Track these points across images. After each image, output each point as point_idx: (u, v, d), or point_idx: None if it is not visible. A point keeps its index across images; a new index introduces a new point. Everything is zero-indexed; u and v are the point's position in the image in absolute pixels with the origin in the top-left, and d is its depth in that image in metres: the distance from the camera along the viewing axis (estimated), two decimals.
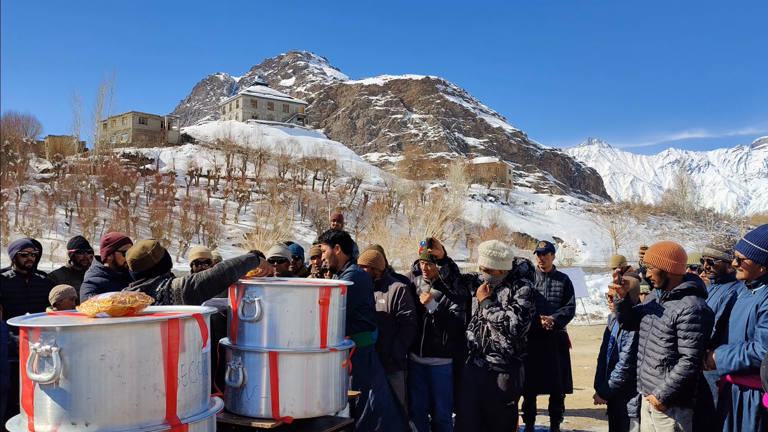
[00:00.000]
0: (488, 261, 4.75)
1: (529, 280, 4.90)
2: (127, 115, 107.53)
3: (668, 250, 4.27)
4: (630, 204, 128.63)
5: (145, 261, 4.01)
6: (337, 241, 5.08)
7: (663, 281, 4.27)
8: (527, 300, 4.66)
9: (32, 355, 2.53)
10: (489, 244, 4.82)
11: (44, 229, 69.75)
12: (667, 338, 4.17)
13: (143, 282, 3.98)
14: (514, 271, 4.78)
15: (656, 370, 4.22)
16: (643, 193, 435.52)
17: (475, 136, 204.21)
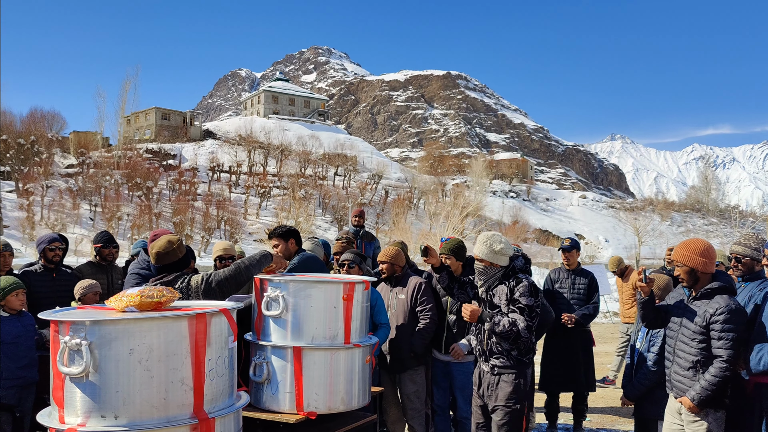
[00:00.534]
0: (483, 250, 4.52)
1: (526, 275, 4.63)
2: (150, 111, 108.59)
3: (698, 248, 4.16)
4: (653, 200, 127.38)
5: (169, 255, 4.10)
6: (291, 235, 5.35)
7: (692, 280, 4.17)
8: (529, 297, 4.41)
9: (62, 348, 2.57)
10: (488, 234, 4.66)
11: (69, 224, 70.77)
12: (699, 339, 4.06)
13: (163, 278, 4.05)
14: (509, 267, 4.54)
15: (689, 372, 4.11)
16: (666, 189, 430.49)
17: (497, 131, 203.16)
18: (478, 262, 4.57)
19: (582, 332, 6.89)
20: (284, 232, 5.37)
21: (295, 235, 5.40)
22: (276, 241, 5.34)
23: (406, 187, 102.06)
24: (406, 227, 66.21)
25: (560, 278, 7.13)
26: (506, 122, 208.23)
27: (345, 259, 5.51)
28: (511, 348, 4.47)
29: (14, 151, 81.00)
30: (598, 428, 7.27)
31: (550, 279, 7.19)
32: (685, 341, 4.15)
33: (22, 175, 77.06)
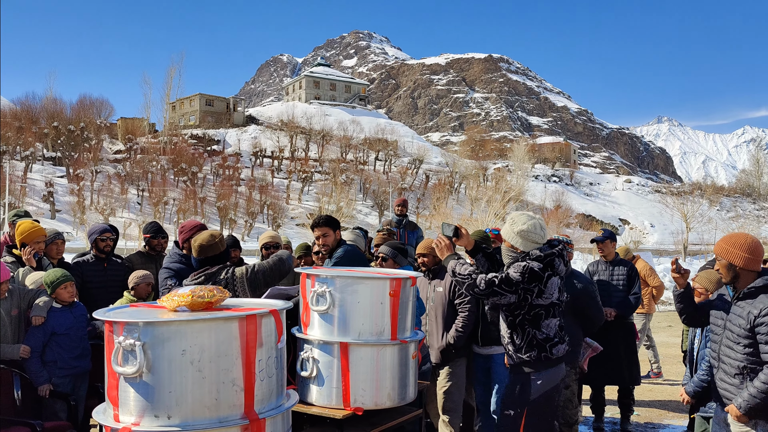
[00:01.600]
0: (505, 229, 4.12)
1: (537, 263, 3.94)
2: (195, 97, 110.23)
3: (741, 242, 3.81)
4: (702, 185, 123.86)
5: (212, 248, 4.22)
6: (337, 225, 5.34)
7: (731, 276, 3.83)
8: (520, 274, 3.85)
9: (117, 348, 2.61)
10: (517, 213, 4.17)
11: (117, 209, 72.57)
12: (744, 343, 3.74)
13: (207, 270, 4.15)
14: (527, 254, 4.01)
15: (735, 379, 3.81)
16: (715, 173, 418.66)
17: (539, 115, 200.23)
18: (503, 244, 4.18)
19: (624, 325, 6.72)
20: (331, 220, 5.33)
21: (339, 226, 5.41)
22: (323, 230, 5.27)
23: (447, 172, 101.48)
24: (447, 212, 65.96)
25: (598, 270, 6.98)
26: (549, 105, 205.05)
27: (380, 252, 5.48)
28: (510, 341, 4.05)
29: (65, 138, 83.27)
30: (646, 422, 7.14)
31: (588, 272, 7.03)
32: (730, 345, 3.83)
33: (72, 161, 79.24)
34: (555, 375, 4.06)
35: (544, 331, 3.97)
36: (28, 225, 5.72)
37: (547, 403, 4.03)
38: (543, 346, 3.96)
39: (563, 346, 4.05)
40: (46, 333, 4.94)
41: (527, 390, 3.97)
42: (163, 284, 5.17)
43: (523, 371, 4.01)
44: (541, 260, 3.94)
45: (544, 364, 3.98)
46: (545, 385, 4.00)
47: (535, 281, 3.91)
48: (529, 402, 3.98)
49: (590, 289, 5.41)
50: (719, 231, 68.67)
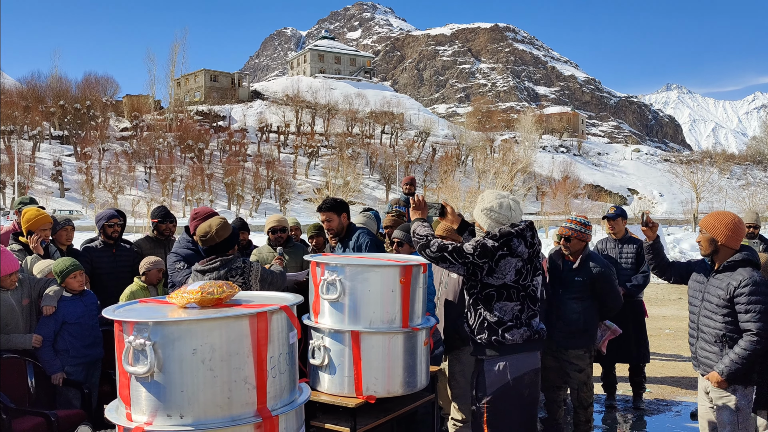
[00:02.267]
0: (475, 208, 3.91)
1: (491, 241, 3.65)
2: (199, 73, 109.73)
3: (726, 220, 4.07)
4: (711, 153, 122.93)
5: (208, 239, 4.21)
6: (343, 208, 5.22)
7: (712, 250, 4.08)
8: (473, 249, 3.60)
9: (127, 348, 2.58)
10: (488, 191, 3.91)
11: (125, 186, 72.83)
12: (723, 312, 3.98)
13: (214, 259, 4.21)
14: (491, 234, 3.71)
15: (715, 347, 4.04)
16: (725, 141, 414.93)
17: (546, 84, 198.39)
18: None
19: (632, 303, 6.67)
20: (337, 205, 5.26)
21: (346, 209, 5.32)
22: (327, 215, 5.25)
23: (454, 144, 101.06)
24: (455, 185, 65.76)
25: (607, 248, 6.90)
26: (556, 74, 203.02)
27: (395, 237, 5.37)
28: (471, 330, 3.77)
29: (71, 116, 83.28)
30: (658, 399, 7.13)
31: (597, 249, 6.95)
32: (709, 316, 4.08)
33: (79, 139, 79.35)
34: (515, 364, 3.65)
35: (497, 314, 3.66)
36: (34, 212, 5.70)
37: (507, 399, 3.63)
38: (494, 329, 3.64)
39: (521, 330, 3.65)
40: (57, 322, 4.94)
41: (482, 381, 3.68)
42: (172, 267, 5.16)
43: (478, 357, 3.75)
44: (496, 239, 3.65)
45: (496, 347, 3.65)
46: (501, 376, 3.64)
47: (485, 258, 3.62)
48: (486, 396, 3.65)
49: (607, 274, 5.32)
50: (730, 200, 68.32)
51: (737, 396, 3.96)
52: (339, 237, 5.37)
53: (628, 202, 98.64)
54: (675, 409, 6.76)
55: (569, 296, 5.32)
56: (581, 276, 5.28)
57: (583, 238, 5.34)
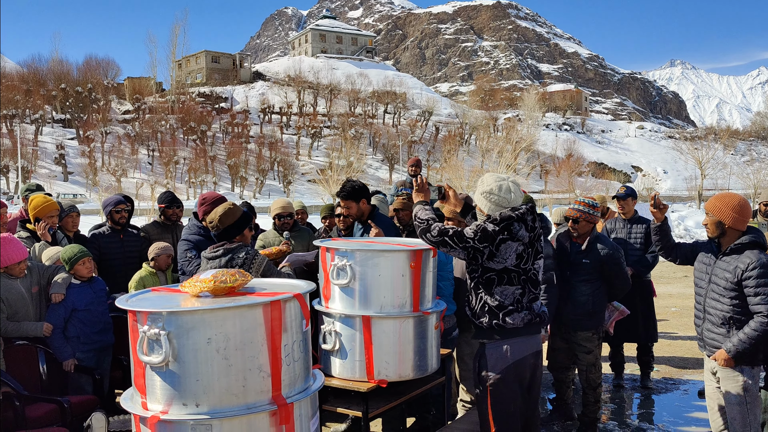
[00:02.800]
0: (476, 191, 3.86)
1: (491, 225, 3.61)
2: (200, 55, 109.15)
3: (733, 202, 4.04)
4: (716, 129, 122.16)
5: (213, 227, 4.18)
6: (362, 194, 5.07)
7: (719, 233, 4.08)
8: (473, 233, 3.56)
9: (141, 337, 2.58)
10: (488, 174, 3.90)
11: (129, 169, 72.80)
12: (731, 295, 3.99)
13: (225, 244, 4.14)
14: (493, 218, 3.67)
15: (722, 329, 4.07)
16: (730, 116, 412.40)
17: (549, 62, 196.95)
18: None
19: (641, 283, 6.66)
20: (354, 191, 5.06)
21: (366, 194, 5.10)
22: (346, 203, 5.08)
23: (457, 123, 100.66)
24: (458, 164, 65.54)
25: (616, 228, 6.87)
26: (559, 52, 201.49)
27: None
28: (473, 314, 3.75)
29: (73, 99, 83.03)
30: (665, 378, 7.16)
31: (606, 229, 6.93)
32: (716, 298, 4.09)
33: (82, 123, 79.19)
34: (515, 348, 3.64)
35: (498, 298, 3.63)
36: (41, 199, 5.69)
37: (507, 382, 3.62)
38: (495, 313, 3.61)
39: (521, 314, 3.63)
40: (67, 309, 4.96)
41: (484, 365, 3.67)
42: (183, 256, 5.13)
43: (479, 341, 3.74)
44: (496, 222, 3.62)
45: (497, 331, 3.63)
46: (502, 360, 3.62)
47: (486, 242, 3.58)
48: (489, 377, 3.63)
49: (616, 256, 5.29)
50: (734, 176, 67.99)
51: (744, 376, 3.98)
52: (360, 222, 5.26)
53: (632, 179, 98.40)
54: (683, 388, 6.79)
55: (577, 279, 5.31)
56: (589, 258, 5.26)
57: (591, 220, 5.31)
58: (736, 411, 3.98)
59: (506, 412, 3.62)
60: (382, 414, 4.23)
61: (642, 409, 6.22)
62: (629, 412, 6.17)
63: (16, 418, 4.29)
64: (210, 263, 4.15)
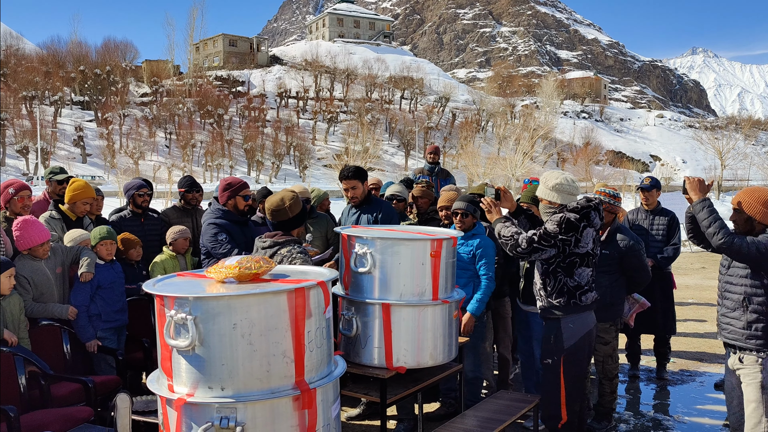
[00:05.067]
0: (540, 188, 4.23)
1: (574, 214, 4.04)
2: (218, 38, 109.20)
3: (762, 196, 3.89)
4: (737, 118, 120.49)
5: (280, 212, 4.01)
6: (366, 176, 5.27)
7: (748, 228, 3.92)
8: (557, 226, 3.97)
9: (168, 321, 2.63)
10: (547, 172, 4.33)
11: (146, 152, 73.23)
12: (747, 274, 3.88)
13: (276, 236, 4.00)
14: (565, 206, 4.14)
15: (735, 313, 3.95)
16: (752, 106, 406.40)
17: (568, 48, 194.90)
18: (541, 203, 4.30)
19: (662, 275, 6.62)
20: (359, 171, 5.28)
21: (366, 176, 5.37)
22: (352, 182, 5.27)
23: (474, 110, 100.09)
24: (474, 151, 65.41)
25: (638, 218, 6.83)
26: (578, 38, 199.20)
27: (457, 208, 5.13)
28: (548, 294, 4.13)
29: (92, 81, 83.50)
30: (681, 369, 7.15)
31: (627, 220, 6.88)
32: (733, 282, 3.98)
33: (100, 105, 79.65)
34: (586, 321, 4.16)
35: (576, 279, 4.09)
36: (82, 184, 5.77)
37: (581, 350, 4.15)
38: (573, 293, 4.08)
39: (593, 294, 4.17)
40: (93, 287, 5.06)
41: (560, 337, 4.11)
42: (213, 239, 5.01)
43: (553, 316, 4.14)
44: (577, 211, 4.06)
45: (573, 309, 4.09)
46: (577, 332, 4.11)
47: (572, 231, 4.01)
48: (564, 349, 4.09)
49: (636, 248, 5.26)
50: (755, 167, 67.15)
51: (763, 374, 3.87)
52: (356, 206, 5.40)
53: (650, 168, 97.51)
54: (699, 380, 6.78)
55: (596, 270, 5.29)
56: (609, 250, 5.24)
57: (612, 210, 5.29)
58: (752, 408, 3.90)
59: (577, 377, 4.17)
60: (401, 399, 4.28)
61: (657, 400, 6.22)
62: (645, 402, 6.18)
63: (42, 396, 4.39)
64: (258, 252, 4.01)
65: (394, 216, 5.36)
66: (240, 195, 5.26)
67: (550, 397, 4.22)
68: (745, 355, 3.91)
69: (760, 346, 3.84)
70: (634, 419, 5.69)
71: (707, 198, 3.98)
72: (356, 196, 5.32)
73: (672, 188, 63.65)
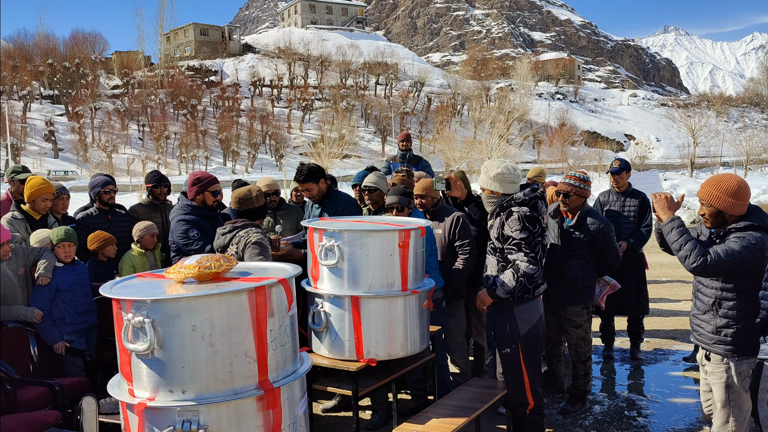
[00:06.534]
0: (482, 178, 4.22)
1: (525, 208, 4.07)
2: (189, 27, 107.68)
3: (729, 187, 3.63)
4: (709, 96, 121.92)
5: (247, 201, 4.38)
6: (320, 175, 5.23)
7: (718, 222, 3.70)
8: (523, 230, 4.01)
9: (126, 325, 2.57)
10: (489, 161, 4.27)
11: (119, 145, 72.23)
12: (722, 280, 3.69)
13: (236, 223, 4.35)
14: (509, 197, 4.13)
15: (706, 316, 3.80)
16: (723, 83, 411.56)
17: (542, 30, 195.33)
18: (482, 193, 4.30)
19: (634, 256, 6.67)
20: (312, 173, 5.21)
21: (322, 173, 5.31)
22: (306, 185, 5.22)
23: (449, 94, 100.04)
24: (450, 135, 65.39)
25: (609, 201, 6.86)
26: (551, 19, 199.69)
27: (391, 203, 5.13)
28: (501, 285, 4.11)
29: (61, 75, 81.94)
30: (655, 349, 7.23)
31: (599, 202, 6.91)
32: (704, 283, 3.81)
33: (70, 99, 78.28)
34: (537, 307, 4.25)
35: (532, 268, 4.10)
36: (39, 180, 5.63)
37: (536, 335, 4.24)
38: (527, 288, 4.10)
39: (544, 286, 4.26)
40: (52, 290, 4.96)
41: (515, 326, 4.18)
42: (184, 236, 4.97)
43: (506, 306, 4.19)
44: (526, 203, 4.08)
45: (525, 299, 4.16)
46: (531, 318, 4.20)
47: (537, 224, 4.08)
48: (520, 337, 4.18)
49: (606, 231, 5.27)
50: (727, 143, 68.04)
51: (728, 374, 3.73)
52: (318, 201, 5.34)
53: (625, 147, 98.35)
54: (672, 359, 6.86)
55: (567, 254, 5.30)
56: (579, 233, 5.25)
57: (582, 194, 5.28)
58: (718, 408, 3.80)
59: (535, 360, 4.26)
60: (373, 392, 4.26)
61: (631, 380, 6.28)
62: (619, 383, 6.24)
63: (8, 401, 4.30)
64: (218, 240, 4.37)
65: (354, 209, 5.32)
66: (209, 190, 5.17)
67: (514, 385, 4.27)
68: (711, 354, 3.81)
69: (728, 352, 3.71)
70: (608, 400, 5.73)
71: (677, 217, 3.74)
72: (313, 196, 5.28)
73: (647, 167, 64.34)
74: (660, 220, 3.83)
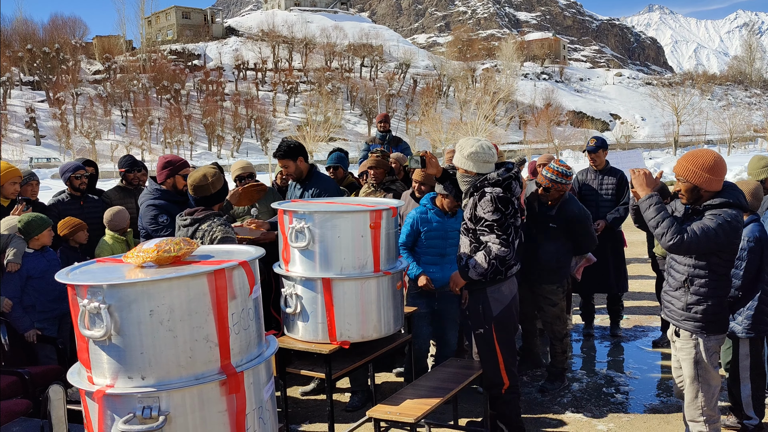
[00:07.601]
0: (455, 156, 4.16)
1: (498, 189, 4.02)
2: (170, 11, 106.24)
3: (705, 162, 3.59)
4: (693, 74, 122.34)
5: (203, 188, 4.00)
6: (299, 152, 5.10)
7: (694, 198, 3.66)
8: (495, 211, 3.96)
9: (82, 311, 2.51)
10: (463, 139, 4.19)
11: (102, 131, 71.38)
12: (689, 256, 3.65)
13: (195, 213, 3.99)
14: (483, 177, 4.07)
15: (677, 292, 3.78)
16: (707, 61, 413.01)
17: (527, 10, 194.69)
18: (457, 172, 4.21)
19: (612, 234, 6.67)
20: (291, 150, 5.06)
21: (303, 152, 5.15)
22: (283, 161, 5.10)
23: (435, 75, 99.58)
24: (436, 117, 65.15)
25: (587, 179, 6.85)
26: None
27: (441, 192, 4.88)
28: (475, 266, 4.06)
29: (41, 60, 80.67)
30: (635, 326, 7.26)
31: (577, 181, 6.89)
32: (676, 259, 3.78)
33: (51, 84, 77.12)
34: (510, 287, 4.23)
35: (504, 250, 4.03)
36: (5, 164, 5.52)
37: (509, 316, 4.23)
38: (499, 270, 4.07)
39: (517, 267, 4.25)
40: (22, 278, 4.86)
41: (488, 306, 4.16)
42: (154, 222, 4.88)
43: (479, 288, 4.17)
44: (500, 184, 4.04)
45: (497, 280, 4.13)
46: (503, 299, 4.18)
47: (509, 205, 4.03)
48: (493, 317, 4.16)
49: (583, 218, 5.25)
50: (710, 121, 68.34)
51: (696, 350, 3.72)
52: (299, 180, 5.24)
53: (611, 127, 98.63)
54: (651, 335, 6.89)
55: (544, 238, 5.29)
56: (558, 221, 5.24)
57: (561, 190, 5.25)
58: (688, 383, 3.80)
59: (509, 341, 4.25)
60: (346, 374, 4.23)
61: (610, 357, 6.31)
62: (598, 360, 6.26)
63: None
64: (180, 231, 4.04)
65: (335, 191, 5.23)
66: (180, 174, 5.06)
67: (489, 365, 4.25)
68: (681, 330, 3.80)
69: (697, 329, 3.70)
70: (587, 377, 5.75)
71: (654, 194, 3.67)
72: (290, 173, 5.15)
73: (632, 146, 64.57)
74: (637, 197, 3.78)
